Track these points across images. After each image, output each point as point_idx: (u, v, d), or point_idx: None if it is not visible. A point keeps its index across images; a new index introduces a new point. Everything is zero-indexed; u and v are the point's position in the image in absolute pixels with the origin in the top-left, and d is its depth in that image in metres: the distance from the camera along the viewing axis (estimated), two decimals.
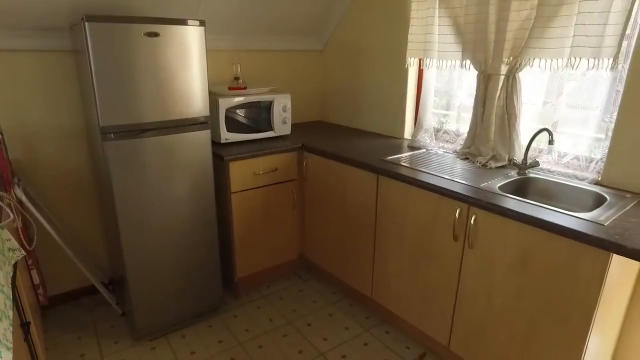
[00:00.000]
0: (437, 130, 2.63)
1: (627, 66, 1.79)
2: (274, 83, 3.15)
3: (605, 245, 1.36)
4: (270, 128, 2.73)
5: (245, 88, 2.70)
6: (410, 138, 2.74)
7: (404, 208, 2.08)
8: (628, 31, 1.77)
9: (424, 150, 2.50)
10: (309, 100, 3.42)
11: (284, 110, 2.75)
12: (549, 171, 2.09)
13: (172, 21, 1.94)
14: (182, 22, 1.97)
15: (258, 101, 2.62)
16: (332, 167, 2.47)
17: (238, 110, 2.56)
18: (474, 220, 1.75)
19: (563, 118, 2.09)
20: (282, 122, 2.76)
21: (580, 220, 1.51)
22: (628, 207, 1.65)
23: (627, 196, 1.77)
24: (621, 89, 1.81)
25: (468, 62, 2.28)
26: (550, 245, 1.53)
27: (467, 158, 2.31)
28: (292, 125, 3.17)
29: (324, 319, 2.50)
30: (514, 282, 1.68)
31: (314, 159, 2.60)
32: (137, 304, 2.18)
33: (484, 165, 2.18)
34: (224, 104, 2.49)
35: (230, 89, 2.65)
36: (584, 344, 1.51)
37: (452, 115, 2.58)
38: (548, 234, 1.52)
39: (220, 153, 2.37)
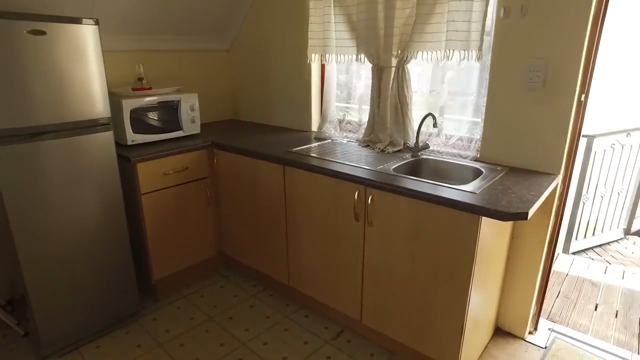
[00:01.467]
0: (340, 121, 2.80)
1: (489, 57, 2.06)
2: (181, 83, 3.13)
3: (475, 210, 1.58)
4: (179, 128, 2.72)
5: (150, 88, 2.65)
6: (316, 130, 2.87)
7: (310, 195, 2.20)
8: (488, 28, 2.04)
9: (330, 140, 2.65)
10: (218, 99, 3.43)
11: (192, 109, 2.75)
12: (439, 152, 2.33)
13: (60, 19, 1.87)
14: (73, 20, 1.91)
15: (164, 101, 2.59)
16: (242, 162, 2.53)
17: (144, 111, 2.52)
18: (371, 200, 1.92)
19: (447, 104, 2.35)
20: (190, 122, 2.76)
21: (458, 191, 1.72)
22: (497, 178, 1.90)
23: (498, 169, 2.04)
24: (487, 77, 2.08)
25: (362, 56, 2.46)
26: (435, 215, 1.73)
27: (368, 145, 2.49)
28: (203, 124, 3.17)
29: (245, 311, 2.55)
30: (408, 252, 1.87)
31: (224, 156, 2.64)
32: (41, 320, 2.06)
33: (383, 151, 2.37)
34: (128, 105, 2.43)
35: (134, 89, 2.59)
36: (467, 297, 1.73)
37: (354, 106, 2.76)
38: (433, 205, 1.72)
39: (127, 155, 2.32)
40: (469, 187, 1.77)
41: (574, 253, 3.51)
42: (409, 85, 2.34)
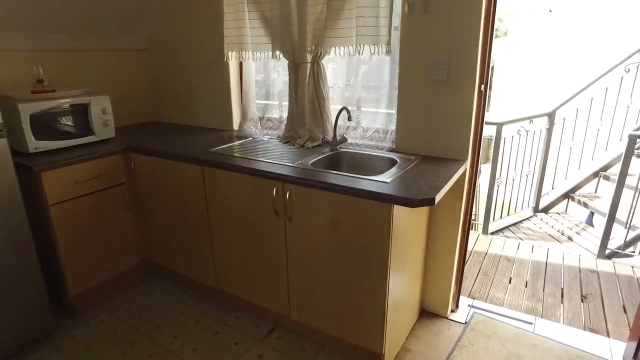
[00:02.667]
0: (261, 119, 2.78)
1: (398, 51, 2.14)
2: (91, 85, 2.93)
3: (385, 198, 1.64)
4: (91, 132, 2.56)
5: (53, 91, 2.46)
6: (237, 129, 2.84)
7: (230, 194, 2.17)
8: (396, 23, 2.12)
9: (251, 138, 2.63)
10: (136, 100, 3.27)
11: (104, 112, 2.59)
12: (356, 144, 2.40)
13: None
14: None
15: (72, 105, 2.42)
16: (161, 165, 2.43)
17: (49, 116, 2.34)
18: (289, 195, 1.92)
19: (363, 97, 2.41)
20: (103, 125, 2.60)
21: (371, 182, 1.78)
22: (410, 167, 1.99)
23: (412, 158, 2.14)
24: (397, 70, 2.16)
25: (278, 52, 2.45)
26: (350, 206, 1.78)
27: (288, 141, 2.50)
28: (121, 127, 3.01)
29: (174, 318, 2.46)
30: (328, 244, 1.90)
31: (141, 160, 2.52)
32: None
33: (302, 146, 2.39)
34: (27, 109, 2.24)
35: (33, 92, 2.39)
36: (386, 283, 1.79)
37: (274, 103, 2.75)
38: (347, 197, 1.76)
39: (29, 163, 2.14)
40: (382, 177, 1.83)
41: (492, 233, 3.77)
42: (325, 81, 2.38)
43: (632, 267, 3.18)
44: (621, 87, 3.81)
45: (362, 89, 2.39)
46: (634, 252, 3.45)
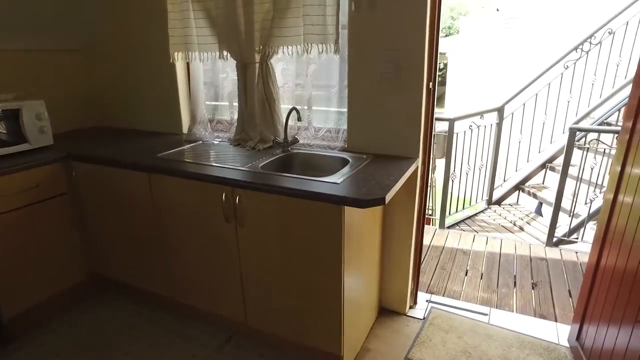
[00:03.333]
0: (211, 121, 2.70)
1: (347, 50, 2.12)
2: (24, 88, 2.73)
3: (335, 200, 1.61)
4: (24, 140, 2.38)
5: None
6: (186, 132, 2.74)
7: (180, 201, 2.08)
8: (344, 22, 2.10)
9: (201, 142, 2.54)
10: (77, 105, 3.09)
11: (39, 118, 2.42)
12: (308, 145, 2.36)
13: None
14: None
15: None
16: (105, 173, 2.30)
17: None
18: (239, 200, 1.86)
19: (314, 97, 2.38)
20: (39, 132, 2.43)
21: (322, 183, 1.75)
22: (361, 166, 1.98)
23: (364, 157, 2.12)
24: (346, 69, 2.15)
25: (226, 53, 2.38)
26: (301, 209, 1.74)
27: (239, 144, 2.43)
28: (60, 134, 2.84)
29: (126, 332, 2.34)
30: (281, 248, 1.86)
31: (84, 168, 2.38)
32: None
33: (253, 148, 2.33)
34: None
35: None
36: (341, 284, 1.77)
37: (224, 104, 2.67)
38: (298, 200, 1.72)
39: None
40: (333, 178, 1.81)
41: (449, 227, 3.85)
42: (274, 81, 2.33)
43: (576, 252, 3.34)
44: (562, 83, 3.99)
45: (312, 89, 2.36)
46: (577, 238, 3.62)
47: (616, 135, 3.09)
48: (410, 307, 2.53)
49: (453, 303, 2.62)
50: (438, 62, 2.08)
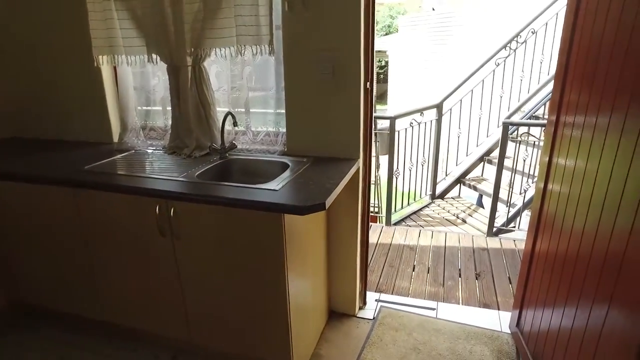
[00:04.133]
0: (144, 128, 2.54)
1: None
2: None
3: (273, 208, 1.55)
4: None
5: None
6: (117, 141, 2.56)
7: (110, 216, 1.93)
8: (278, 22, 2.04)
9: (133, 151, 2.38)
10: None
11: None
12: (247, 150, 2.28)
13: None
14: None
15: None
16: (24, 190, 2.09)
17: None
18: (174, 212, 1.76)
19: (252, 100, 2.30)
20: None
21: (260, 190, 1.68)
22: (301, 170, 1.93)
23: (304, 160, 2.08)
24: (283, 71, 2.09)
25: (155, 55, 2.24)
26: (239, 218, 1.66)
27: (174, 152, 2.30)
28: None
29: None
30: (222, 260, 1.77)
31: None
32: None
33: (189, 156, 2.22)
34: None
35: None
36: (286, 293, 1.71)
37: (157, 109, 2.53)
38: (235, 209, 1.65)
39: None
40: (271, 184, 1.75)
41: (395, 224, 3.91)
42: (209, 84, 2.23)
43: (514, 240, 3.50)
44: (494, 79, 4.17)
45: (249, 92, 2.28)
46: (514, 227, 3.81)
47: (544, 128, 3.26)
48: (360, 308, 2.53)
49: (402, 300, 2.65)
50: (379, 61, 2.08)
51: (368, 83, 2.03)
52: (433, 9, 9.74)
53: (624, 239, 1.22)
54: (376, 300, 2.64)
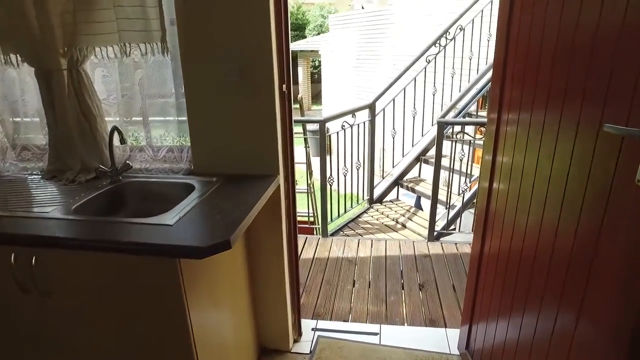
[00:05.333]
0: (15, 148, 2.05)
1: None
2: None
3: (164, 251, 1.20)
4: None
5: None
6: None
7: None
8: (173, 16, 1.67)
9: None
10: None
11: None
12: (147, 170, 1.89)
13: None
14: None
15: None
16: None
17: None
18: (36, 262, 1.34)
19: (150, 109, 1.91)
20: None
21: (151, 227, 1.31)
22: (208, 194, 1.58)
23: (214, 180, 1.73)
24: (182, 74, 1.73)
25: (16, 56, 1.78)
26: (126, 266, 1.29)
27: (54, 176, 1.86)
28: None
29: None
30: (108, 318, 1.38)
31: None
32: None
33: (73, 181, 1.78)
34: None
35: None
36: (191, 346, 1.36)
37: (34, 120, 2.05)
38: (120, 255, 1.27)
39: None
40: (167, 216, 1.38)
41: (332, 234, 3.65)
42: (93, 92, 1.81)
43: (456, 244, 3.37)
44: (426, 77, 4.05)
45: (146, 100, 1.88)
46: (454, 229, 3.70)
47: (479, 126, 3.16)
48: (295, 341, 2.22)
49: (342, 327, 2.38)
50: (312, 60, 1.78)
51: (284, 86, 1.72)
52: (362, 7, 9.68)
53: (584, 234, 1.04)
54: (313, 329, 2.35)
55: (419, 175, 4.41)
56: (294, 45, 14.87)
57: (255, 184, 1.68)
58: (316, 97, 13.94)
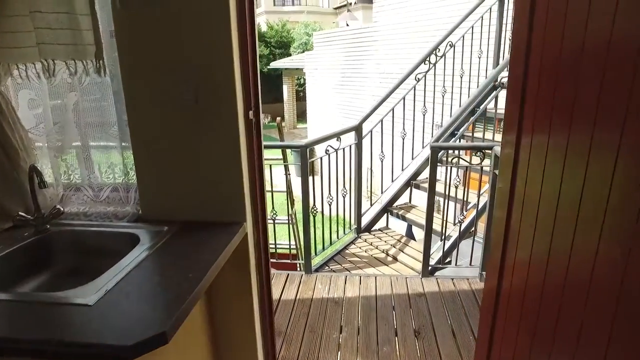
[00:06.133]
0: None
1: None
2: None
3: (73, 354, 0.84)
4: None
5: None
6: None
7: None
8: (112, 27, 1.34)
9: None
10: None
11: None
12: (85, 215, 1.53)
13: None
14: None
15: None
16: None
17: None
18: None
19: (87, 140, 1.56)
20: None
21: (60, 309, 0.96)
22: (155, 249, 1.24)
23: (164, 230, 1.38)
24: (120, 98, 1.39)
25: None
26: None
27: None
28: None
29: None
30: None
31: None
32: None
33: None
34: None
35: None
36: None
37: None
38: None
39: None
40: (89, 289, 1.03)
41: (317, 269, 3.30)
42: (14, 120, 1.46)
43: (452, 279, 3.06)
44: (415, 96, 3.78)
45: (83, 129, 1.54)
46: (450, 261, 3.38)
47: (475, 151, 2.88)
48: None
49: None
50: (298, 78, 1.45)
51: (251, 112, 1.40)
52: (347, 24, 9.52)
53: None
54: None
55: (410, 201, 4.11)
56: (279, 63, 14.68)
57: (215, 235, 1.34)
58: (302, 115, 13.72)
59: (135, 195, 1.51)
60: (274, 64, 14.81)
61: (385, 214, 4.05)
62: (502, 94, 3.54)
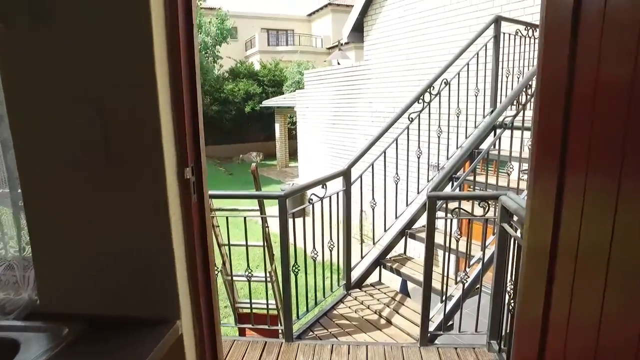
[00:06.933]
0: None
1: None
2: None
3: None
4: None
5: None
6: None
7: None
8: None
9: None
10: None
11: None
12: None
13: None
14: None
15: None
16: None
17: None
18: None
19: None
20: None
21: None
22: None
23: (65, 332, 0.98)
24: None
25: None
26: None
27: None
28: None
29: None
30: None
31: None
32: None
33: None
34: None
35: None
36: None
37: None
38: None
39: None
40: None
41: (299, 336, 2.84)
42: None
43: (456, 349, 2.61)
44: (409, 137, 3.47)
45: None
46: (452, 324, 2.95)
47: (479, 201, 2.53)
48: None
49: None
50: (290, 117, 1.09)
51: (188, 170, 1.03)
52: (338, 63, 9.42)
53: None
54: None
55: (405, 252, 3.71)
56: (271, 102, 14.57)
57: (135, 340, 0.94)
58: (294, 154, 13.49)
59: (33, 279, 1.12)
60: (266, 102, 14.71)
61: (378, 267, 3.63)
62: (505, 134, 3.22)
